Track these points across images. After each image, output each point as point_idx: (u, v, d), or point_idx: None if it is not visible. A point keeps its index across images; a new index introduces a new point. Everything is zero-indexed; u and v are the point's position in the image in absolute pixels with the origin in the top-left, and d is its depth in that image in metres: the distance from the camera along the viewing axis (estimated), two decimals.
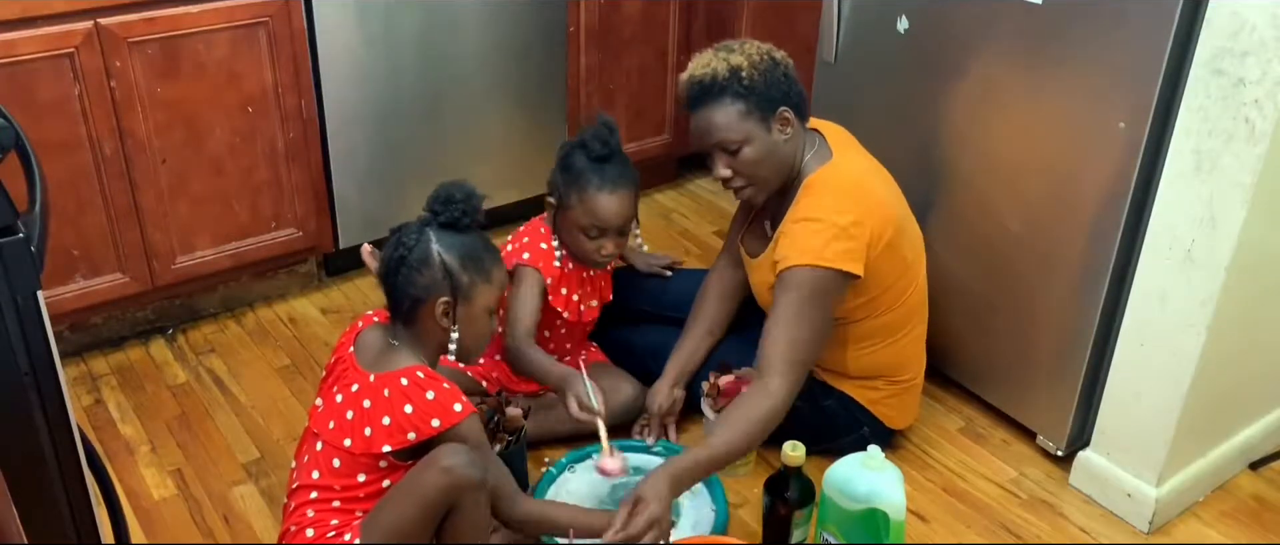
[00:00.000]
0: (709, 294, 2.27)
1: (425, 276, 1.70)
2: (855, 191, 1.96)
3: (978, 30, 2.10)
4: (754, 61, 1.92)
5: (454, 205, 1.73)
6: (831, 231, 1.89)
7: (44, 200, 1.23)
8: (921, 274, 2.11)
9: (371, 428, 1.64)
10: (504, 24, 2.75)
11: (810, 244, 1.89)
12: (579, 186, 2.08)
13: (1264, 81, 1.66)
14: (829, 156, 2.00)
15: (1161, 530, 2.07)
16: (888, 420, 2.16)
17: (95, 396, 2.38)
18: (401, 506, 1.62)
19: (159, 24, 2.24)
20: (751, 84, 1.91)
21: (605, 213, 2.09)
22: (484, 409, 2.02)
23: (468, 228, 1.75)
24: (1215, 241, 1.80)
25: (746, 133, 1.92)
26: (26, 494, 1.20)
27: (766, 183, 1.99)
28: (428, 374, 1.66)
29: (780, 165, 1.98)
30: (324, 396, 1.74)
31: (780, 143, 1.95)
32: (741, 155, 1.94)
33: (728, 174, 1.97)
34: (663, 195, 3.36)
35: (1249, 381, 2.11)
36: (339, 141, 2.60)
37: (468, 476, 1.62)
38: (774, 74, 1.93)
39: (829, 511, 1.89)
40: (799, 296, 1.90)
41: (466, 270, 1.72)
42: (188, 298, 2.62)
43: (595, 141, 2.09)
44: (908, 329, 2.10)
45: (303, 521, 1.67)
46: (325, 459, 1.67)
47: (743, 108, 1.91)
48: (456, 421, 1.64)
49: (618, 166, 2.11)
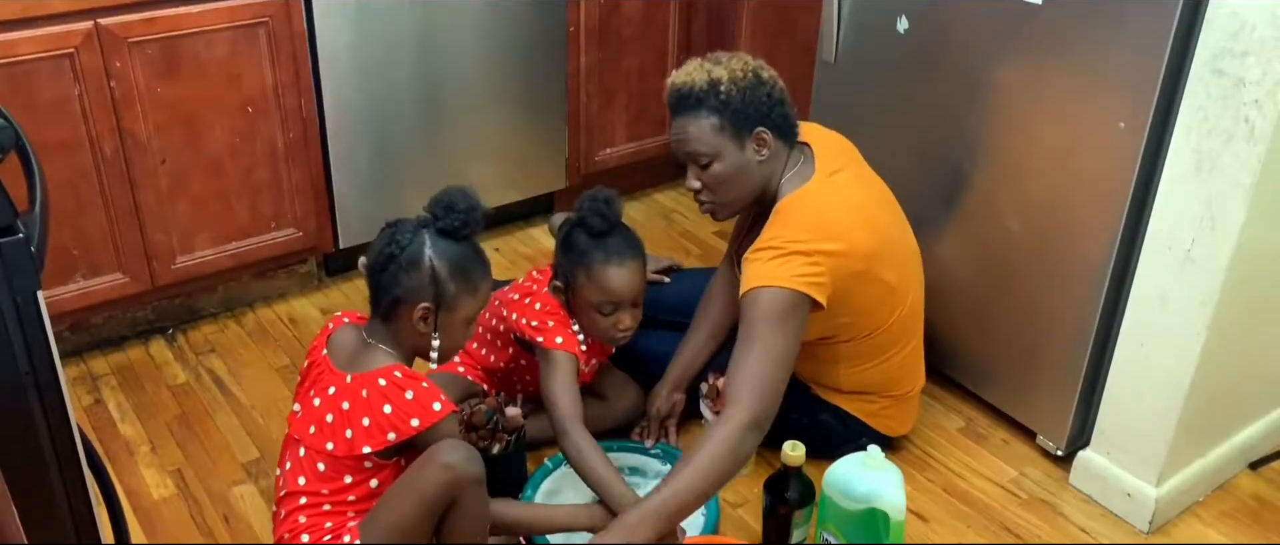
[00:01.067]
0: (713, 297, 2.26)
1: (412, 279, 1.68)
2: (820, 222, 1.88)
3: (978, 30, 2.10)
4: (736, 77, 1.87)
5: (455, 213, 1.71)
6: (788, 255, 1.83)
7: (44, 200, 1.23)
8: (912, 293, 2.06)
9: (352, 429, 1.63)
10: (504, 24, 2.75)
11: (766, 268, 1.83)
12: (585, 265, 1.99)
13: (1264, 81, 1.66)
14: (808, 177, 1.93)
15: (1161, 530, 2.07)
16: (886, 430, 2.16)
17: (95, 396, 2.38)
18: (402, 504, 1.62)
19: (159, 24, 2.24)
20: (728, 99, 1.86)
21: (616, 286, 1.99)
22: (483, 409, 2.02)
23: (465, 237, 1.73)
24: (1215, 241, 1.80)
25: (718, 148, 1.88)
26: (26, 494, 1.20)
27: (732, 202, 1.96)
28: (405, 373, 1.65)
29: (749, 185, 1.93)
30: (301, 401, 1.73)
31: (753, 163, 1.90)
32: (711, 169, 1.90)
33: (697, 186, 1.94)
34: (663, 195, 3.36)
35: (1249, 381, 2.11)
36: (339, 141, 2.60)
37: (468, 472, 1.62)
38: (756, 93, 1.88)
39: (829, 511, 1.89)
40: (758, 320, 1.82)
41: (454, 280, 1.69)
42: (188, 298, 2.62)
43: (594, 217, 1.99)
44: (901, 346, 2.07)
45: (296, 528, 1.67)
46: (309, 464, 1.67)
47: (716, 122, 1.87)
48: (436, 420, 1.63)
49: (620, 237, 2.01)
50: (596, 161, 3.11)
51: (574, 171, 3.08)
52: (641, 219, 3.21)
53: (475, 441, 2.00)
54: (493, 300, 2.16)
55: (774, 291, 1.82)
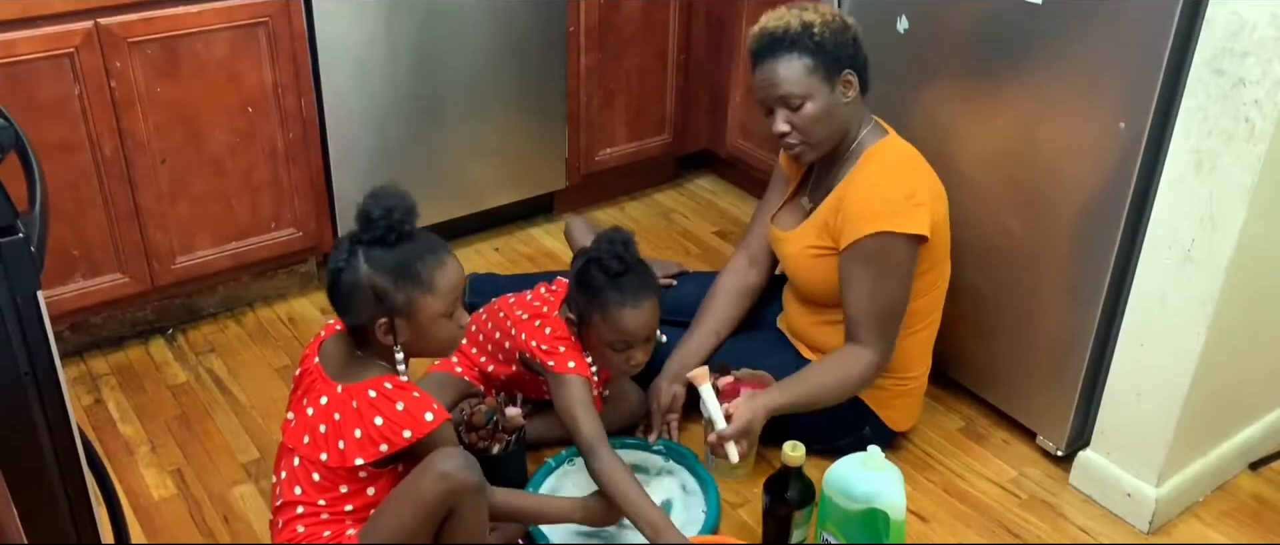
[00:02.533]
0: (720, 293, 2.26)
1: (357, 300, 1.63)
2: (918, 165, 2.02)
3: (978, 30, 2.10)
4: (827, 20, 1.96)
5: (374, 224, 1.61)
6: (902, 197, 1.94)
7: (44, 200, 1.23)
8: (948, 270, 2.13)
9: (344, 441, 1.62)
10: (504, 24, 2.75)
11: (879, 211, 1.93)
12: (600, 305, 1.98)
13: (1264, 81, 1.66)
14: (885, 134, 2.05)
15: (1161, 530, 2.07)
16: (890, 422, 2.16)
17: (95, 396, 2.38)
18: (400, 512, 1.61)
19: (159, 24, 2.24)
20: (821, 41, 1.94)
21: (631, 326, 1.99)
22: (483, 410, 2.02)
23: (394, 243, 1.63)
24: (1215, 241, 1.80)
25: (810, 88, 1.95)
26: (26, 494, 1.20)
27: (821, 143, 2.01)
28: (396, 384, 1.63)
29: (837, 127, 2.00)
30: (295, 410, 1.71)
31: (841, 104, 1.98)
32: (803, 110, 1.96)
33: (785, 129, 1.99)
34: (663, 195, 3.36)
35: (1249, 381, 2.11)
36: (339, 141, 2.60)
37: (465, 481, 1.61)
38: (844, 36, 1.96)
39: (829, 511, 1.89)
40: (875, 265, 1.94)
41: (401, 287, 1.62)
42: (188, 298, 2.62)
43: (612, 260, 1.97)
44: (923, 324, 2.11)
45: (295, 538, 1.66)
46: (304, 474, 1.66)
47: (810, 63, 1.94)
48: (429, 431, 1.61)
49: (636, 277, 2.00)
50: (596, 161, 3.11)
51: (574, 171, 3.08)
52: (641, 219, 3.21)
53: (475, 442, 2.01)
54: (497, 312, 2.16)
55: (887, 239, 1.93)
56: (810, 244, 2.05)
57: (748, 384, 2.11)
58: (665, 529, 1.81)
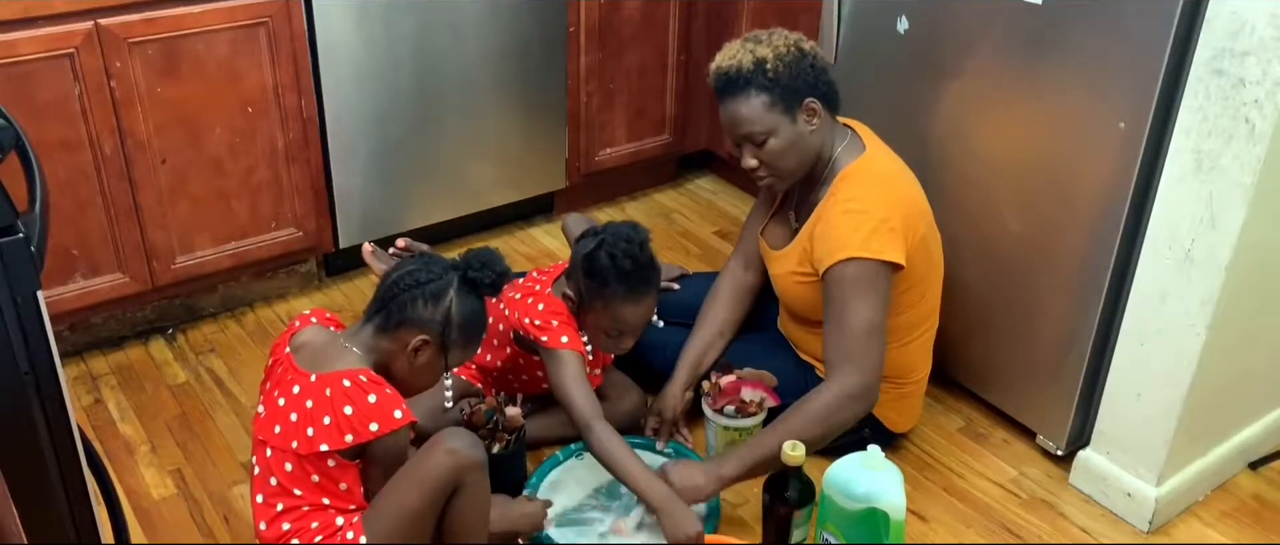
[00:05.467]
0: (720, 295, 2.27)
1: (429, 310, 1.69)
2: (891, 184, 1.98)
3: (978, 30, 2.10)
4: (780, 53, 1.93)
5: (489, 270, 1.74)
6: (872, 223, 1.90)
7: (44, 200, 1.23)
8: (941, 275, 2.12)
9: (313, 427, 1.62)
10: (504, 24, 2.75)
11: (852, 238, 1.90)
12: (604, 296, 1.99)
13: (1264, 81, 1.66)
14: (862, 150, 2.01)
15: (1161, 530, 2.07)
16: (890, 424, 2.16)
17: (95, 396, 2.38)
18: (407, 492, 1.64)
19: (159, 24, 2.24)
20: (776, 76, 1.92)
21: (631, 320, 2.02)
22: (483, 409, 2.02)
23: (484, 297, 1.76)
24: (1215, 241, 1.80)
25: (772, 124, 1.93)
26: (26, 494, 1.20)
27: (791, 173, 2.00)
28: (371, 377, 1.65)
29: (805, 155, 1.99)
30: (266, 402, 1.71)
31: (806, 134, 1.96)
32: (767, 146, 1.95)
33: (753, 164, 1.99)
34: (663, 195, 3.36)
35: (1249, 381, 2.11)
36: (339, 141, 2.60)
37: (471, 457, 1.65)
38: (800, 65, 1.94)
39: (829, 511, 1.89)
40: (849, 291, 1.90)
41: (461, 331, 1.72)
42: (188, 298, 2.62)
43: (626, 258, 1.97)
44: (922, 330, 2.10)
45: (282, 535, 1.66)
46: (277, 465, 1.65)
47: (767, 99, 1.92)
48: (395, 429, 1.62)
49: (644, 275, 2.01)
50: (596, 161, 3.11)
51: (574, 171, 3.08)
52: (641, 219, 3.20)
53: None
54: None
55: (861, 265, 1.89)
56: (793, 270, 2.04)
57: (749, 383, 2.11)
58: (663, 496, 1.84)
